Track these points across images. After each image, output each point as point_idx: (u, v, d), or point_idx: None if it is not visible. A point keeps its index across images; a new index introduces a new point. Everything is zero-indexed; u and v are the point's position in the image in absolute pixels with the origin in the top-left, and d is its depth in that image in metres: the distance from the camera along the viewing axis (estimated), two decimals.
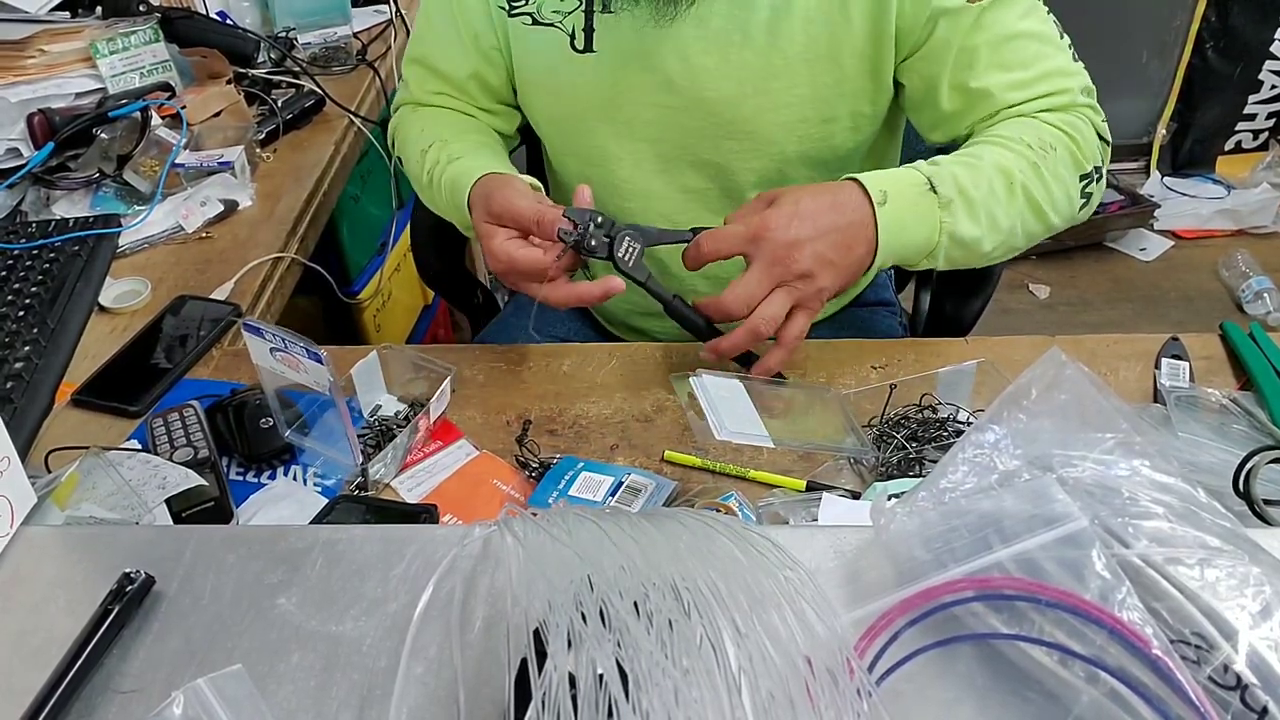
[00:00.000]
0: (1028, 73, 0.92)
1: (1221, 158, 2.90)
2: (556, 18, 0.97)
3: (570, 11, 0.97)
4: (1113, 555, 0.47)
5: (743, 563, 0.49)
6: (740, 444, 0.82)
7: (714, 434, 0.79)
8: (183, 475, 0.75)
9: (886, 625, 0.49)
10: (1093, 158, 0.93)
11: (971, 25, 0.90)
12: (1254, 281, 2.48)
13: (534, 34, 0.99)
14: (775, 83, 0.94)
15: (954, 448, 0.55)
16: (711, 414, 0.80)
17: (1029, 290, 2.62)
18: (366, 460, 0.82)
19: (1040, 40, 0.93)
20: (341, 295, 1.55)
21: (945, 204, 0.86)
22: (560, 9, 0.97)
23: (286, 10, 1.66)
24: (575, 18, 0.96)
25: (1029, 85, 0.92)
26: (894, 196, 0.85)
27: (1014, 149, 0.89)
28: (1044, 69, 0.93)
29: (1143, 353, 0.93)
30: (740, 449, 0.83)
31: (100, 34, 1.36)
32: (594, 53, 0.97)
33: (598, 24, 0.96)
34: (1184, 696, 0.43)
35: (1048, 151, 0.90)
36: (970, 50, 0.91)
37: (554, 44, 0.98)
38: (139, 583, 0.57)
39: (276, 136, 1.41)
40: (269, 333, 0.79)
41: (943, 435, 0.83)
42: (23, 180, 1.25)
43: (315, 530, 0.67)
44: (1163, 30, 2.78)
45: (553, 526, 0.52)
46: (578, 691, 0.42)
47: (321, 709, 0.51)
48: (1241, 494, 0.71)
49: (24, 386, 0.92)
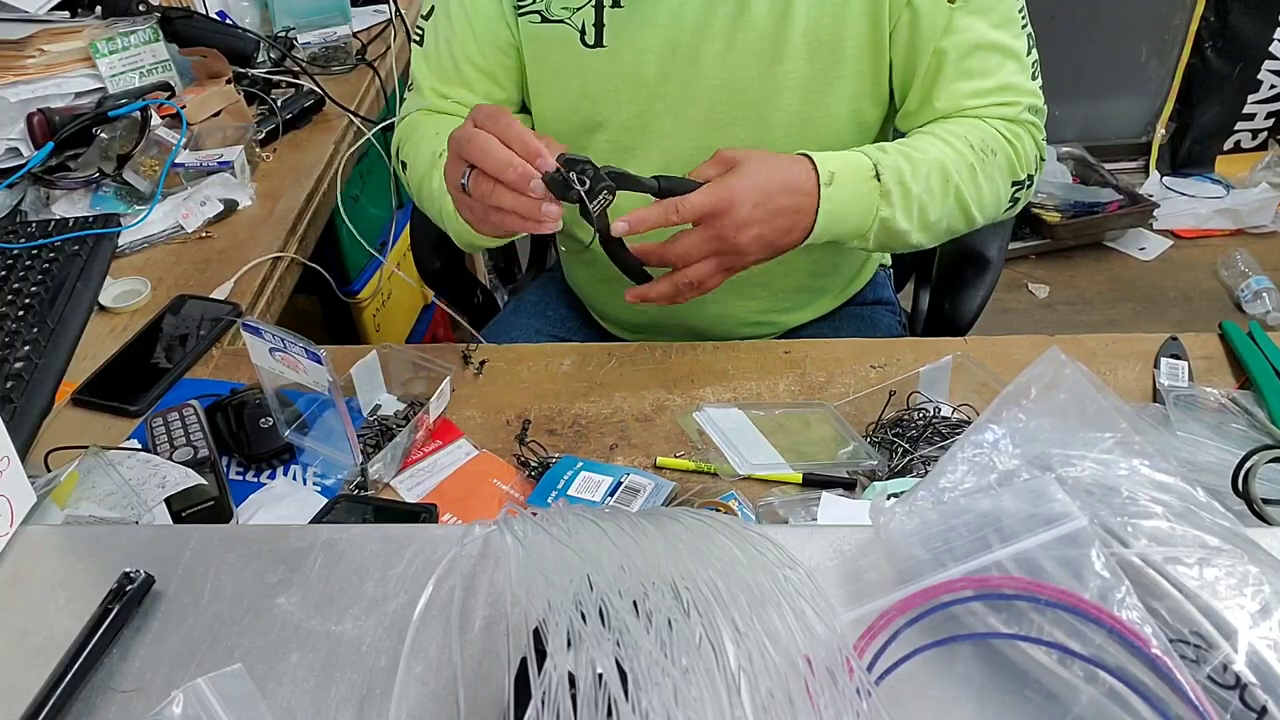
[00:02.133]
0: (986, 82, 0.96)
1: (1221, 157, 2.90)
2: (565, 14, 0.98)
3: (580, 7, 0.97)
4: (1112, 555, 0.47)
5: (742, 562, 0.50)
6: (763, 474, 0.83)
7: (736, 470, 0.81)
8: (182, 475, 0.75)
9: (886, 625, 0.49)
10: (1028, 166, 0.98)
11: (944, 27, 0.93)
12: (1253, 281, 2.48)
13: (543, 31, 0.99)
14: (779, 67, 0.95)
15: (953, 447, 0.55)
16: (728, 450, 0.83)
17: (1028, 290, 2.62)
18: (366, 460, 0.82)
19: (1004, 54, 0.96)
20: (341, 295, 1.55)
21: (885, 193, 0.89)
22: (569, 4, 0.97)
23: (286, 10, 1.66)
24: (585, 13, 0.97)
25: (985, 94, 0.96)
26: (840, 179, 0.87)
27: (957, 148, 0.93)
28: (1001, 81, 0.96)
29: (1142, 352, 0.93)
30: None
31: (100, 34, 1.36)
32: (604, 47, 0.98)
33: (608, 19, 0.96)
34: (1183, 696, 0.43)
35: (987, 155, 0.94)
36: (940, 53, 0.94)
37: (564, 40, 0.99)
38: (139, 582, 0.57)
39: (276, 136, 1.41)
40: (268, 333, 0.79)
41: (931, 434, 0.84)
42: (22, 180, 1.25)
43: (315, 530, 0.67)
44: (1162, 30, 2.78)
45: (552, 526, 0.52)
46: (577, 691, 0.42)
47: (321, 708, 0.51)
48: (1240, 493, 0.71)
49: (24, 386, 0.92)
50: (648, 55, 0.97)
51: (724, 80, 0.97)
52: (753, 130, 0.99)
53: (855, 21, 0.93)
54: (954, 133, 0.94)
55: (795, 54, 0.94)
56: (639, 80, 0.98)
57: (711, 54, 0.96)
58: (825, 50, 0.94)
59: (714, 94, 0.98)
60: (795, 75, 0.96)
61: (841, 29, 0.94)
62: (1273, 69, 2.73)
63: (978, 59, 0.94)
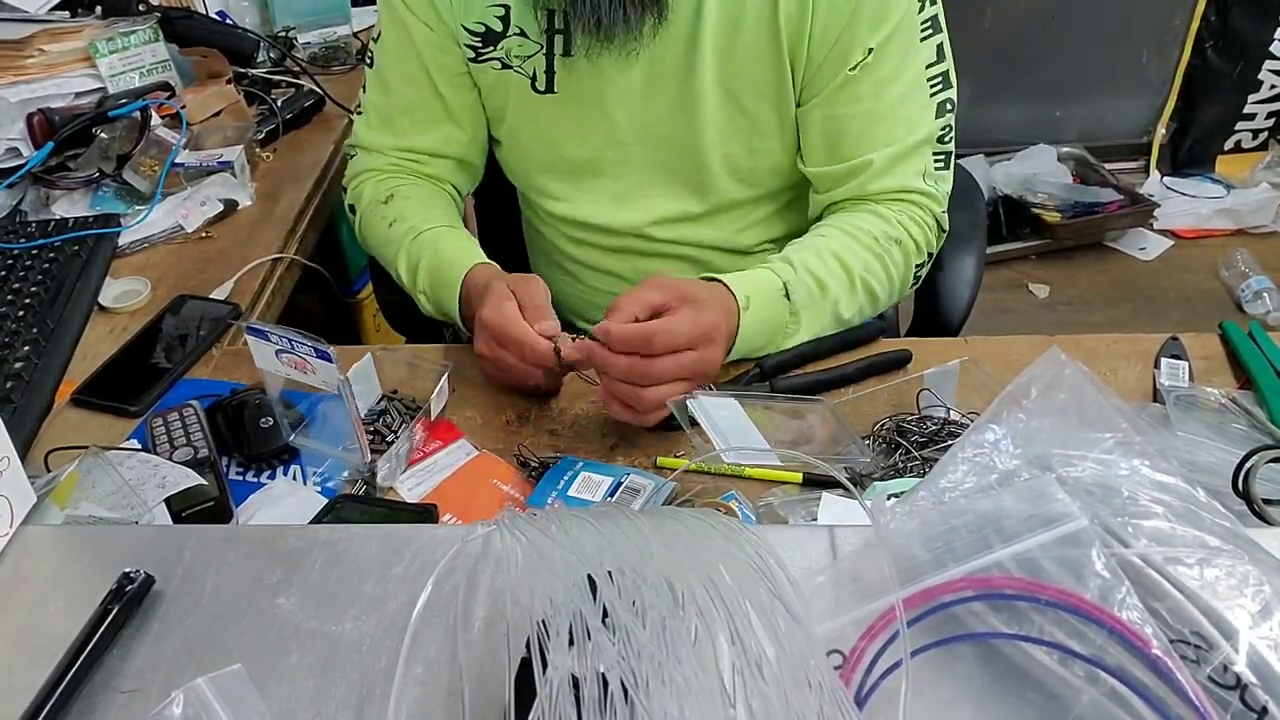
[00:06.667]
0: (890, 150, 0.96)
1: (1221, 157, 2.90)
2: (518, 62, 1.00)
3: (530, 55, 0.99)
4: (1112, 555, 0.47)
5: (740, 561, 0.49)
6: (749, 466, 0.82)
7: (720, 455, 0.81)
8: (182, 475, 0.75)
9: (886, 625, 0.49)
10: (927, 246, 1.01)
11: (848, 93, 0.94)
12: (1253, 281, 2.48)
13: (502, 77, 1.02)
14: (721, 117, 0.98)
15: (953, 447, 0.55)
16: (715, 435, 0.82)
17: (1029, 290, 2.62)
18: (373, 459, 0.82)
19: (909, 103, 0.96)
20: (341, 295, 1.55)
21: (794, 312, 0.92)
22: (521, 53, 0.99)
23: (286, 10, 1.66)
24: (536, 60, 0.99)
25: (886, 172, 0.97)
26: (755, 302, 0.89)
27: (861, 241, 0.96)
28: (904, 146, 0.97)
29: (1142, 352, 0.93)
30: None
31: (100, 34, 1.36)
32: (555, 94, 1.00)
33: (558, 66, 0.99)
34: (1184, 696, 0.43)
35: (891, 245, 0.97)
36: (839, 120, 0.96)
37: (518, 85, 1.02)
38: (139, 582, 0.57)
39: (276, 136, 1.41)
40: (274, 334, 0.79)
41: (945, 436, 0.83)
42: (22, 180, 1.25)
43: (315, 530, 0.67)
44: (1162, 30, 2.78)
45: (550, 525, 0.52)
46: (580, 691, 0.42)
47: (320, 708, 0.51)
48: (1241, 493, 0.71)
49: (24, 386, 0.92)
50: (596, 103, 0.99)
51: (667, 126, 1.00)
52: (703, 179, 1.03)
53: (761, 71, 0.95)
54: (859, 229, 0.97)
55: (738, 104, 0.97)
56: (589, 127, 1.01)
57: (661, 102, 0.98)
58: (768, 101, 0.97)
59: (662, 142, 1.01)
60: (738, 125, 0.99)
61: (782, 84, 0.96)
62: (1273, 69, 2.73)
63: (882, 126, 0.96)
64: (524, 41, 0.98)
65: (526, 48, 0.99)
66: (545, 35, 0.97)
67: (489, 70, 1.02)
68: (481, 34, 1.00)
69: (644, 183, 1.05)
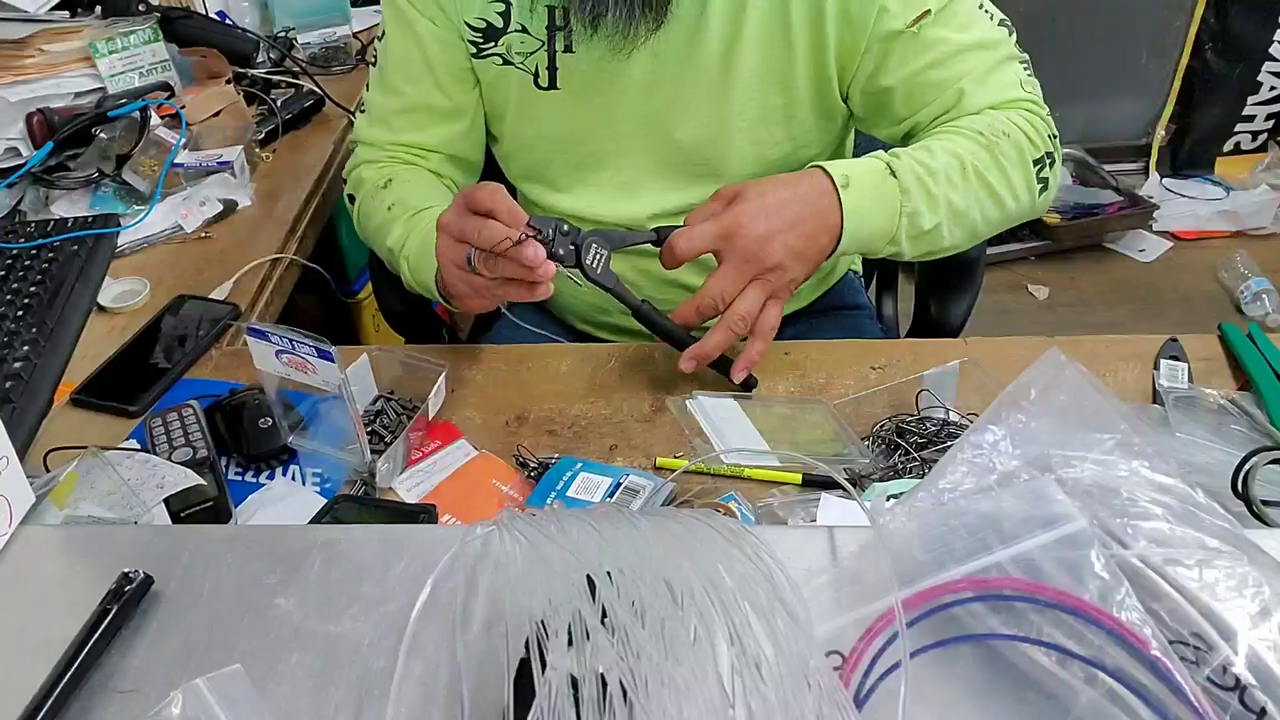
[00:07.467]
0: (979, 70, 0.94)
1: (1220, 159, 2.90)
2: (520, 59, 1.00)
3: (533, 51, 0.99)
4: (1112, 556, 0.47)
5: (739, 562, 0.49)
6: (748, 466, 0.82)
7: (720, 456, 0.81)
8: (181, 475, 0.75)
9: (886, 625, 0.49)
10: (1043, 144, 0.95)
11: (916, 49, 0.92)
12: (1253, 283, 2.48)
13: (503, 73, 1.02)
14: (728, 109, 0.97)
15: (953, 448, 0.55)
16: (714, 435, 0.83)
17: (1028, 291, 2.62)
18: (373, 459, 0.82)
19: (983, 47, 0.95)
20: (340, 295, 1.55)
21: (905, 189, 0.88)
22: (522, 50, 0.99)
23: (286, 10, 1.66)
24: (539, 57, 0.99)
25: (975, 94, 0.94)
26: (856, 181, 0.87)
27: (966, 134, 0.92)
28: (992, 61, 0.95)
29: (1141, 353, 0.93)
30: None
31: (99, 34, 1.36)
32: (558, 90, 1.00)
33: (560, 62, 0.98)
34: (1183, 697, 0.43)
35: (999, 138, 0.92)
36: (916, 73, 0.94)
37: (520, 82, 1.01)
38: (137, 582, 0.57)
39: (276, 136, 1.41)
40: (275, 335, 0.79)
41: (945, 437, 0.83)
42: (22, 180, 1.25)
43: (314, 530, 0.67)
44: (1162, 32, 2.78)
45: (549, 526, 0.52)
46: (579, 692, 0.42)
47: (320, 709, 0.51)
48: (1240, 495, 0.71)
49: (23, 386, 0.92)
50: (599, 96, 0.99)
51: (669, 118, 0.99)
52: (707, 170, 1.02)
53: (799, 57, 0.94)
54: (959, 126, 0.93)
55: (744, 90, 0.96)
56: (591, 122, 1.01)
57: (662, 97, 0.98)
58: (775, 82, 0.96)
59: (665, 135, 1.00)
60: (743, 108, 0.97)
61: (787, 64, 0.95)
62: (1272, 71, 2.73)
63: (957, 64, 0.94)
64: (525, 38, 0.98)
65: (528, 44, 0.99)
66: (547, 32, 0.97)
67: (490, 66, 1.02)
68: (482, 30, 1.00)
69: (646, 176, 1.04)
